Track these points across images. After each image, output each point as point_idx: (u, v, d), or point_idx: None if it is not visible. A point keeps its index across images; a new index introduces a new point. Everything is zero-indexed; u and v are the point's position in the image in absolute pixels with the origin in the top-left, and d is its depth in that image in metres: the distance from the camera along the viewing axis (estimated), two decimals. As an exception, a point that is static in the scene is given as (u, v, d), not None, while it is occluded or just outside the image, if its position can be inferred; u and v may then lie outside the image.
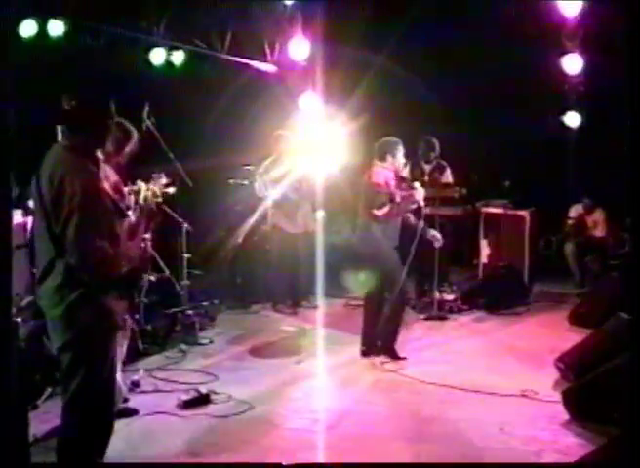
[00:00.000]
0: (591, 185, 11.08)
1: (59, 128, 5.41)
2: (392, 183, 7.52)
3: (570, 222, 11.24)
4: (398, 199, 7.47)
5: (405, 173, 7.79)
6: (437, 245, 8.07)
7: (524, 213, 10.62)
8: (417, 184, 7.68)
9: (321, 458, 5.29)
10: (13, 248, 4.41)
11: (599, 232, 11.05)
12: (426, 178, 9.27)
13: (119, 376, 5.90)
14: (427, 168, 9.95)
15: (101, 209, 4.01)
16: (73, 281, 3.98)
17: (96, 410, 4.21)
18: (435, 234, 7.96)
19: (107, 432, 4.36)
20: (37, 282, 4.15)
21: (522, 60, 10.48)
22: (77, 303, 4.00)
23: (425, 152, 9.94)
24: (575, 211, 11.29)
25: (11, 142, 3.78)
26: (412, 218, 7.81)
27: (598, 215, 11.05)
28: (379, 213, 7.39)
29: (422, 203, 7.73)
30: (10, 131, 3.75)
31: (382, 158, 7.60)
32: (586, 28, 10.80)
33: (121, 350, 5.91)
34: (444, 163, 10.15)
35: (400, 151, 7.66)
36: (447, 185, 9.97)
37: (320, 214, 9.83)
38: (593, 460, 4.54)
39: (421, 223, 7.78)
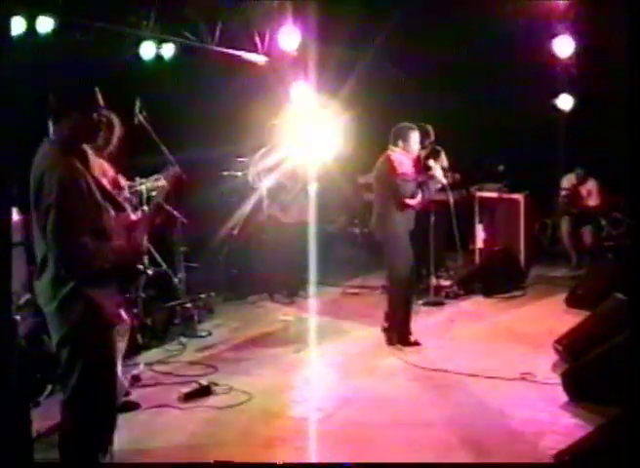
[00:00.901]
0: (583, 156, 11.23)
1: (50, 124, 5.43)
2: (410, 170, 7.54)
3: (564, 193, 11.28)
4: (423, 180, 7.54)
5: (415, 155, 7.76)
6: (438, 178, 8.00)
7: (518, 196, 10.64)
8: (431, 162, 7.74)
9: (322, 445, 5.31)
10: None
11: (592, 202, 11.17)
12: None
13: (120, 371, 5.93)
14: (422, 154, 9.96)
15: (81, 204, 3.96)
16: (64, 276, 3.99)
17: (96, 405, 4.21)
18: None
19: (109, 427, 4.37)
20: (35, 277, 4.16)
21: (513, 44, 10.47)
22: (68, 298, 4.01)
23: (420, 139, 9.94)
24: (567, 181, 11.37)
25: (11, 140, 3.79)
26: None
27: (591, 185, 11.17)
28: (412, 202, 7.44)
29: (444, 180, 7.79)
30: (10, 129, 3.77)
31: (395, 143, 7.65)
32: (578, 10, 10.78)
33: (122, 345, 5.94)
34: (439, 148, 10.15)
35: (413, 136, 7.66)
36: (442, 170, 9.98)
37: (313, 186, 9.78)
38: (592, 441, 4.57)
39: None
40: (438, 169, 7.73)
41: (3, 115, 3.66)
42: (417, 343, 7.60)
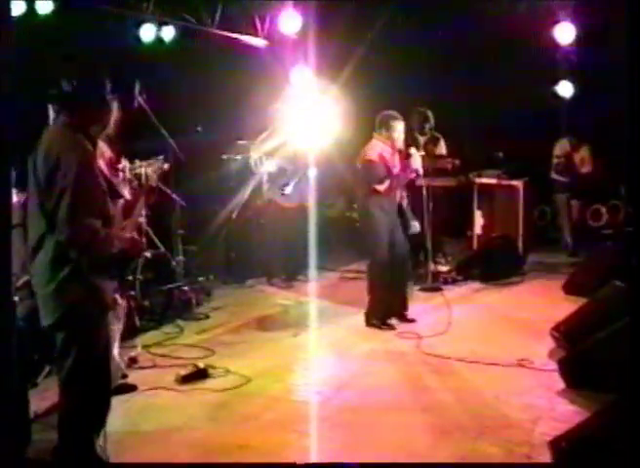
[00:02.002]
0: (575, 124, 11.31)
1: (50, 107, 5.40)
2: (387, 157, 7.57)
3: (556, 160, 11.31)
4: (395, 172, 7.56)
5: (400, 145, 7.78)
6: (409, 231, 8.07)
7: (517, 183, 10.62)
8: (413, 150, 7.77)
9: (320, 429, 5.32)
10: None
11: (585, 169, 11.25)
12: (421, 150, 9.29)
13: (116, 353, 5.95)
14: (422, 139, 9.96)
15: (95, 188, 4.00)
16: (63, 257, 3.97)
17: (91, 387, 4.22)
18: (415, 226, 8.07)
19: (104, 409, 4.38)
20: (29, 258, 4.16)
21: (514, 30, 10.43)
22: (67, 280, 4.00)
23: (419, 123, 9.95)
24: (560, 148, 11.44)
25: (11, 123, 3.78)
26: (405, 202, 8.03)
27: (584, 152, 11.24)
28: (380, 187, 7.50)
29: (421, 170, 7.82)
30: (9, 112, 3.75)
31: (379, 131, 7.70)
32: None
33: (117, 328, 5.95)
34: (438, 134, 10.16)
35: (396, 124, 7.70)
36: (440, 156, 9.99)
37: (312, 171, 9.77)
38: (589, 427, 4.58)
39: (408, 211, 8.04)
40: (417, 157, 7.73)
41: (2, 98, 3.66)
42: (391, 327, 7.71)
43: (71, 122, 4.12)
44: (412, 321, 7.88)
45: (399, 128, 7.73)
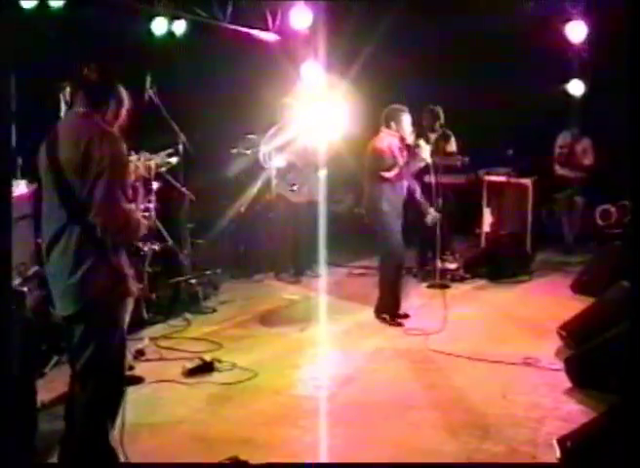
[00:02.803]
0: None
1: (62, 96, 5.42)
2: (396, 150, 7.57)
3: (559, 151, 11.41)
4: (401, 163, 7.57)
5: (411, 140, 7.79)
6: (429, 221, 8.13)
7: (527, 181, 10.61)
8: (421, 142, 7.78)
9: (325, 424, 5.32)
10: (16, 218, 4.44)
11: (587, 160, 11.31)
12: (431, 147, 9.30)
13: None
14: (432, 137, 9.95)
15: (127, 173, 4.08)
16: (89, 247, 3.97)
17: (108, 377, 4.23)
18: (434, 214, 8.06)
19: (119, 399, 4.39)
20: (46, 249, 4.15)
21: (525, 28, 10.40)
22: (94, 269, 3.98)
23: (430, 121, 9.95)
24: (562, 139, 11.51)
25: (11, 113, 3.80)
26: (418, 193, 7.96)
27: (586, 143, 11.33)
28: (388, 174, 7.49)
29: (429, 160, 7.83)
30: (10, 102, 3.77)
31: (387, 125, 7.73)
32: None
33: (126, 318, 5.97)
34: (449, 132, 10.15)
35: (404, 118, 7.73)
36: (450, 154, 9.99)
37: (322, 173, 9.78)
38: (595, 427, 4.58)
39: (424, 201, 8.12)
40: (426, 149, 7.76)
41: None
42: (400, 324, 7.71)
43: (92, 110, 4.15)
44: (406, 316, 7.89)
45: (407, 121, 7.75)
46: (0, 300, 3.78)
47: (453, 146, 10.18)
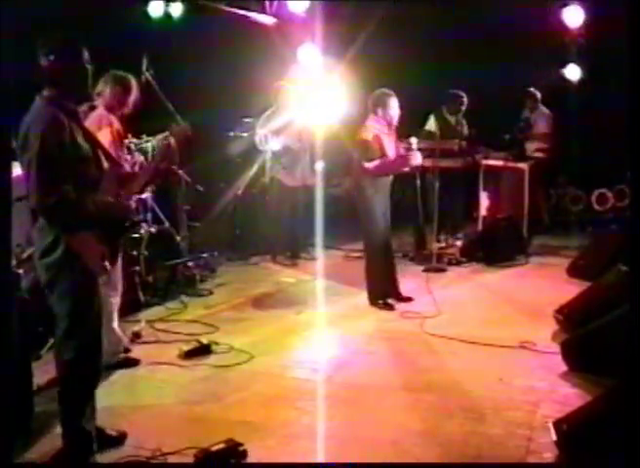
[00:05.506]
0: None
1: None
2: (384, 139, 7.51)
3: (521, 124, 11.57)
4: (390, 157, 7.51)
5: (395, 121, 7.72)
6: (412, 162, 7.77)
7: (524, 165, 10.61)
8: (413, 139, 7.69)
9: (322, 406, 5.33)
10: (14, 199, 4.46)
11: (543, 128, 11.52)
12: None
13: (116, 326, 5.99)
14: (452, 119, 10.12)
15: (63, 156, 4.04)
16: (48, 226, 4.14)
17: (80, 357, 4.28)
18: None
19: (93, 380, 4.44)
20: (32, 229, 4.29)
21: (522, 12, 10.37)
22: (50, 248, 4.14)
23: (453, 106, 10.17)
24: (523, 115, 11.72)
25: (11, 95, 3.79)
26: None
27: (541, 111, 11.57)
28: (369, 165, 7.42)
29: (419, 163, 7.77)
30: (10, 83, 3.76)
31: (374, 111, 7.64)
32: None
33: (115, 301, 5.97)
34: (464, 120, 10.35)
35: (391, 102, 7.62)
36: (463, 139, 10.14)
37: (320, 164, 9.79)
38: (590, 410, 4.59)
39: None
40: (417, 156, 7.65)
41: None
42: (391, 307, 7.71)
43: (49, 95, 4.18)
44: (408, 299, 7.89)
45: (394, 104, 7.65)
46: (0, 283, 3.84)
47: (465, 130, 10.35)
